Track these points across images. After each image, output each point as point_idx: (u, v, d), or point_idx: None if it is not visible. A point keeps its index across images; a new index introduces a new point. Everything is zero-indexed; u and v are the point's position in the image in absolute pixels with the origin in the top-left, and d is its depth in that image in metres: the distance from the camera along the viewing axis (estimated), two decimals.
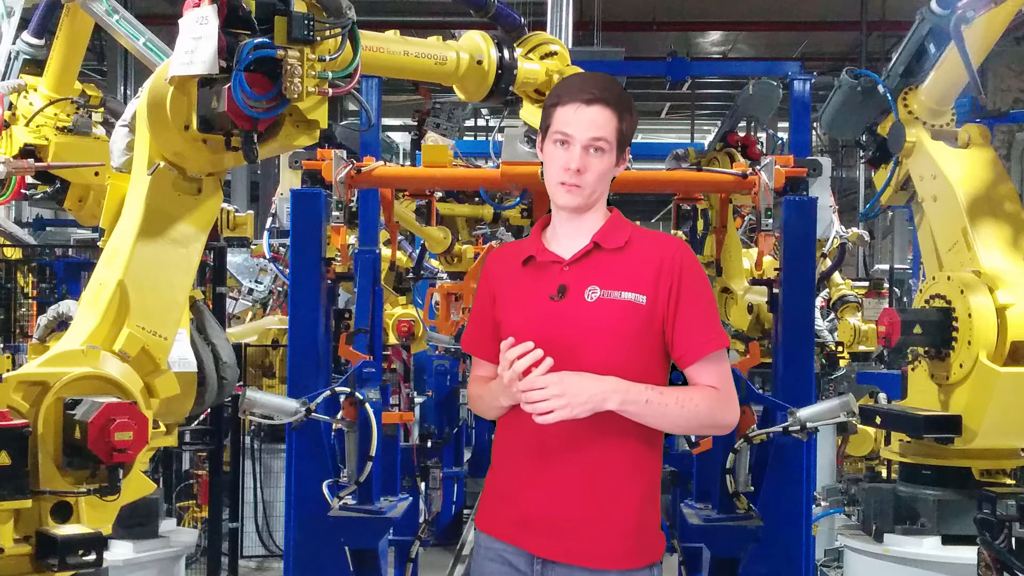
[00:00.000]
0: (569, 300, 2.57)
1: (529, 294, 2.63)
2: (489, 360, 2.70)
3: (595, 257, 2.61)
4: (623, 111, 2.59)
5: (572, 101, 2.57)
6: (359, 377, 4.10)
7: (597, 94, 2.57)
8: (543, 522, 2.55)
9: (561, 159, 2.58)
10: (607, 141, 2.56)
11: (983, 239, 4.25)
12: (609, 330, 2.53)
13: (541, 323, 2.56)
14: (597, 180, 2.58)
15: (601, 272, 2.59)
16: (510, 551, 2.60)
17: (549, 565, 2.55)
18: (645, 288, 2.56)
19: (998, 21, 4.06)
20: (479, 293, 2.79)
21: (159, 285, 3.14)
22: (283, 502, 4.34)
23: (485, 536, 2.67)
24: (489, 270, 2.78)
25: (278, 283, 9.35)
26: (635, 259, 2.60)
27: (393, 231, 5.52)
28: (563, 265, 2.62)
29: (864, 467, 7.16)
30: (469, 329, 2.82)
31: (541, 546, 2.56)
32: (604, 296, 2.56)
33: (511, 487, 2.61)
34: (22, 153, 4.72)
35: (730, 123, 9.47)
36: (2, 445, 2.54)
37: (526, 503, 2.57)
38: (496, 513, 2.66)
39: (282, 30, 2.81)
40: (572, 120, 2.56)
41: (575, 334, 2.54)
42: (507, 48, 4.15)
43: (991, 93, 13.24)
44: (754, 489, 4.08)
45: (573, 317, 2.55)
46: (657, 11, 15.00)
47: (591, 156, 2.56)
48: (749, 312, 6.15)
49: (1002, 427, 4.12)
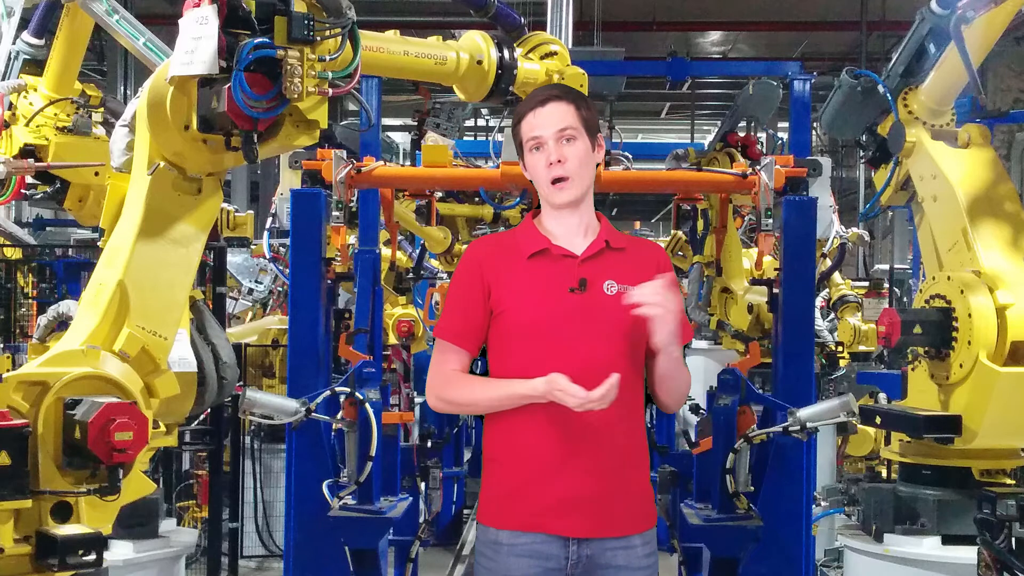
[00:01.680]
0: (590, 293, 2.72)
1: (542, 287, 2.73)
2: (470, 351, 2.80)
3: (607, 254, 2.78)
4: (578, 101, 2.77)
5: (530, 109, 2.76)
6: (359, 377, 4.09)
7: (548, 93, 2.78)
8: (577, 504, 2.68)
9: (541, 160, 2.74)
10: (573, 128, 2.73)
11: (983, 239, 4.24)
12: (626, 320, 2.68)
13: (560, 315, 2.70)
14: (579, 164, 2.74)
15: (614, 268, 2.76)
16: (540, 540, 2.69)
17: (584, 543, 2.70)
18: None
19: (998, 21, 4.06)
20: (465, 283, 2.80)
21: (159, 285, 3.15)
22: (283, 502, 4.34)
23: (508, 533, 2.72)
24: (481, 260, 2.80)
25: (278, 283, 9.34)
26: (637, 258, 2.81)
27: (393, 231, 5.53)
28: (577, 260, 2.75)
29: (864, 467, 7.15)
30: (451, 319, 2.82)
31: (577, 527, 2.69)
32: (622, 290, 2.72)
33: (532, 478, 2.70)
34: (22, 153, 4.71)
35: (730, 123, 9.47)
36: (2, 445, 2.54)
37: (556, 489, 2.68)
38: (515, 507, 2.72)
39: (282, 30, 2.81)
40: (536, 123, 2.74)
41: (594, 325, 2.70)
42: (507, 48, 4.15)
43: (991, 93, 13.23)
44: (754, 489, 4.08)
45: (593, 309, 2.71)
46: (657, 11, 14.99)
47: (565, 145, 2.72)
48: (749, 312, 6.14)
49: (1002, 427, 4.11)
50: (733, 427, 4.09)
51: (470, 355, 2.80)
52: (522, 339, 2.72)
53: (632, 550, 2.73)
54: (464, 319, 2.79)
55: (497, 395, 2.71)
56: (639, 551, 2.74)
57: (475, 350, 2.80)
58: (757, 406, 4.14)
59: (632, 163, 4.63)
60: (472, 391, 2.77)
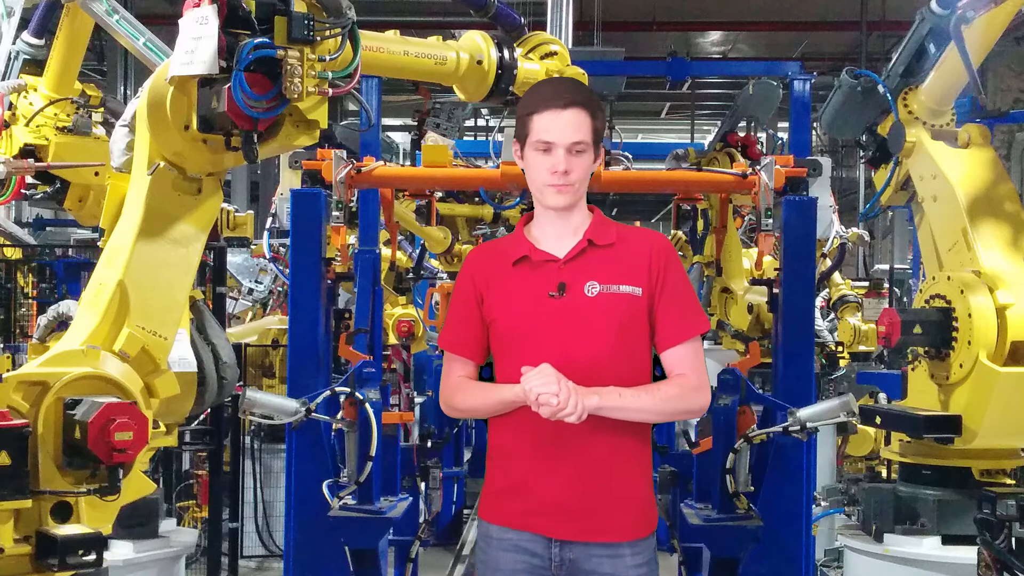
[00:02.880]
0: (569, 296, 2.70)
1: (525, 293, 2.73)
2: (473, 359, 2.81)
3: (590, 253, 2.74)
4: (595, 110, 2.72)
5: (548, 108, 2.69)
6: (359, 377, 4.09)
7: (570, 98, 2.70)
8: (559, 507, 2.68)
9: (546, 163, 2.70)
10: (586, 143, 2.69)
11: (983, 239, 4.24)
12: (609, 322, 2.67)
13: (541, 320, 2.69)
14: (583, 179, 2.73)
15: (597, 267, 2.72)
16: (525, 538, 2.72)
17: (567, 546, 2.70)
18: (639, 280, 2.72)
19: (998, 21, 4.06)
20: (461, 294, 2.85)
21: (159, 285, 3.14)
22: (283, 502, 4.34)
23: (497, 528, 2.76)
24: (473, 271, 2.83)
25: (278, 283, 9.34)
26: (626, 253, 2.75)
27: (393, 231, 5.53)
28: (559, 263, 2.73)
29: (864, 467, 7.15)
30: (451, 330, 2.88)
31: (558, 529, 2.70)
32: (604, 290, 2.69)
33: (522, 478, 2.72)
34: (22, 153, 4.71)
35: (730, 123, 9.49)
36: (2, 445, 2.54)
37: (540, 491, 2.69)
38: (507, 504, 2.75)
39: (282, 30, 2.81)
40: (551, 127, 2.68)
41: (576, 329, 2.67)
42: (507, 48, 4.15)
43: (991, 93, 13.22)
44: (754, 489, 4.08)
45: (574, 313, 2.68)
46: (657, 11, 14.99)
47: (575, 157, 2.69)
48: (749, 312, 6.15)
49: (1002, 427, 4.11)
50: (733, 427, 4.09)
51: (475, 363, 2.82)
52: (510, 345, 2.74)
53: (620, 559, 2.70)
54: (462, 329, 2.83)
55: (492, 401, 2.75)
56: (628, 560, 2.71)
57: (478, 358, 2.82)
58: (757, 406, 4.14)
59: (632, 163, 4.63)
60: (474, 397, 2.79)
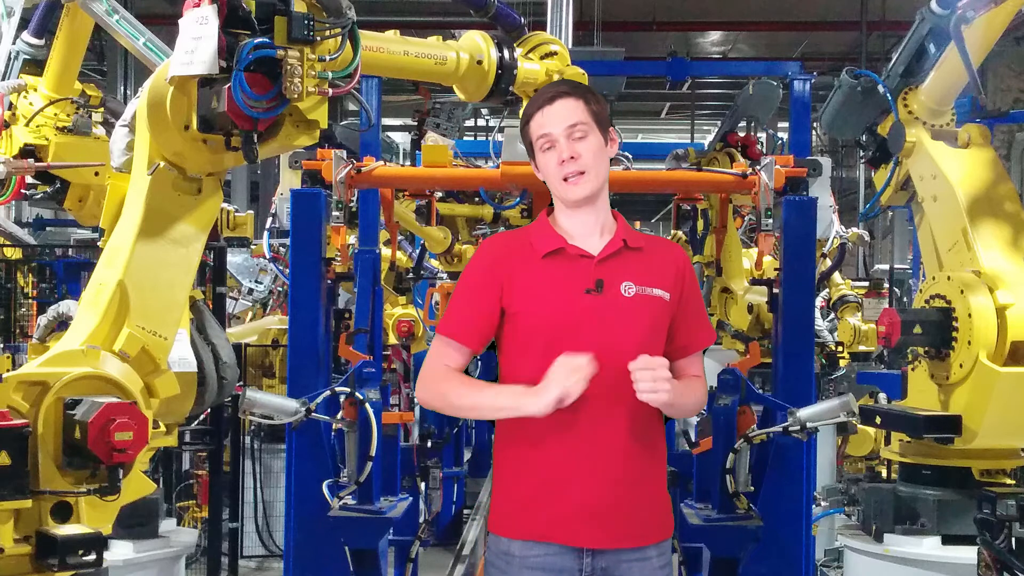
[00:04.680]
0: (606, 294, 2.66)
1: (558, 287, 2.66)
2: (472, 348, 2.73)
3: (624, 254, 2.71)
4: (587, 95, 2.71)
5: (538, 108, 2.70)
6: (359, 377, 4.09)
7: (556, 90, 2.72)
8: (595, 512, 2.62)
9: (553, 158, 2.68)
10: (584, 123, 2.67)
11: (983, 239, 4.25)
12: (643, 322, 2.67)
13: (578, 315, 2.64)
14: (594, 159, 2.68)
15: (631, 269, 2.70)
16: (553, 551, 2.62)
17: (600, 555, 2.64)
18: (667, 285, 2.72)
19: (998, 21, 4.06)
20: (476, 280, 2.72)
21: (159, 285, 3.15)
22: (283, 502, 4.34)
23: (520, 544, 2.65)
24: (494, 259, 2.72)
25: (278, 283, 9.35)
26: (656, 258, 2.75)
27: (393, 231, 5.52)
28: (594, 260, 2.68)
29: (864, 467, 7.16)
30: (457, 314, 2.73)
31: (593, 537, 2.63)
32: (640, 291, 2.68)
33: (550, 486, 2.62)
34: (22, 153, 4.72)
35: (730, 123, 9.50)
36: (2, 445, 2.54)
37: (574, 496, 2.62)
38: (531, 514, 2.64)
39: (282, 30, 2.81)
40: (545, 121, 2.68)
41: (612, 327, 2.64)
42: (507, 48, 4.15)
43: (991, 93, 13.23)
44: (754, 489, 4.08)
45: (611, 310, 2.65)
46: (657, 11, 14.99)
47: (577, 141, 2.66)
48: (749, 312, 6.15)
49: (1002, 427, 4.11)
50: (733, 427, 4.09)
51: (472, 352, 2.73)
52: (537, 341, 2.63)
53: (647, 562, 2.67)
54: (473, 315, 2.70)
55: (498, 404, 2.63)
56: (654, 562, 2.69)
57: (478, 348, 2.73)
58: (757, 406, 4.14)
59: (632, 163, 4.63)
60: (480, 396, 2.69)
